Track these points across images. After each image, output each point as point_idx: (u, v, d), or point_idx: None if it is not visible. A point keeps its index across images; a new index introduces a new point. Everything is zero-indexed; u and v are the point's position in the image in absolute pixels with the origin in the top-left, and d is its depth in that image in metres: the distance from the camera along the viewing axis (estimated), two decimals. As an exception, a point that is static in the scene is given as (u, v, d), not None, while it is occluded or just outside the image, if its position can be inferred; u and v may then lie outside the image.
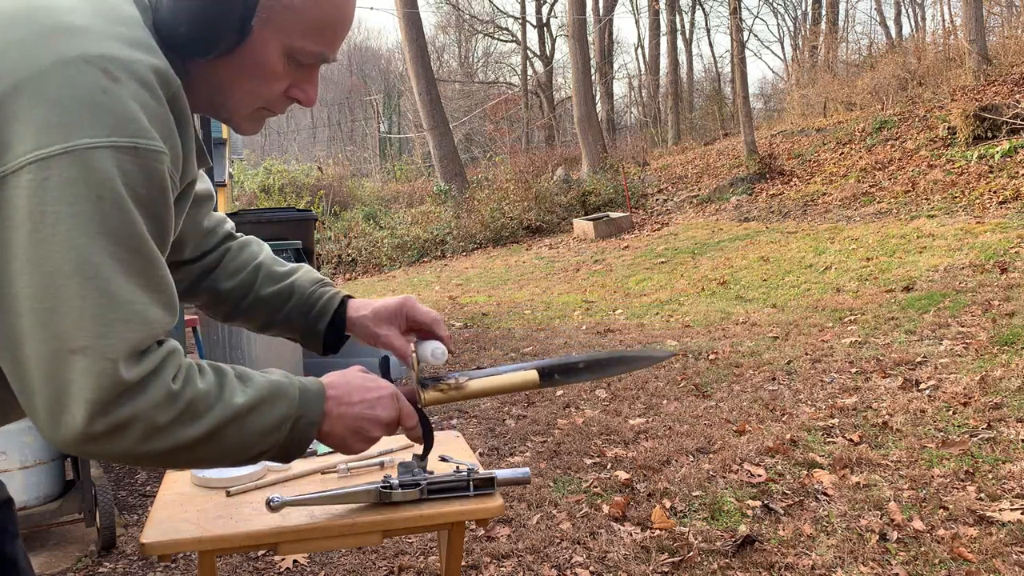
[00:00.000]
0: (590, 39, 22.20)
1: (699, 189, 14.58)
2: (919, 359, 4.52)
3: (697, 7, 30.45)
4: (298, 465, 1.73)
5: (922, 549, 2.45)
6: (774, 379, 4.56)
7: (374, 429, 1.03)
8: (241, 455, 0.90)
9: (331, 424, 0.99)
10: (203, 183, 1.17)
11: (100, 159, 0.76)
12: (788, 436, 3.51)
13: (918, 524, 2.61)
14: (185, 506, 1.45)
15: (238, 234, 1.29)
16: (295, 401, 0.94)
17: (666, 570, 2.45)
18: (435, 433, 2.03)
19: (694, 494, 2.99)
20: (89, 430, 0.77)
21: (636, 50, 33.75)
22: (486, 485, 1.46)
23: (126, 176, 0.77)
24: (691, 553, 2.52)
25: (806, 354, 5.00)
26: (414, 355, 1.16)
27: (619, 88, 34.22)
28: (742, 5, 17.12)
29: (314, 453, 1.72)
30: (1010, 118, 10.71)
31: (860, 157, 12.70)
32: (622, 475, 3.21)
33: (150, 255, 0.81)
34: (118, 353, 0.77)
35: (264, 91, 0.95)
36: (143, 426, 0.80)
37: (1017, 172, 9.43)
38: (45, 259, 0.75)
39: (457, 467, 1.56)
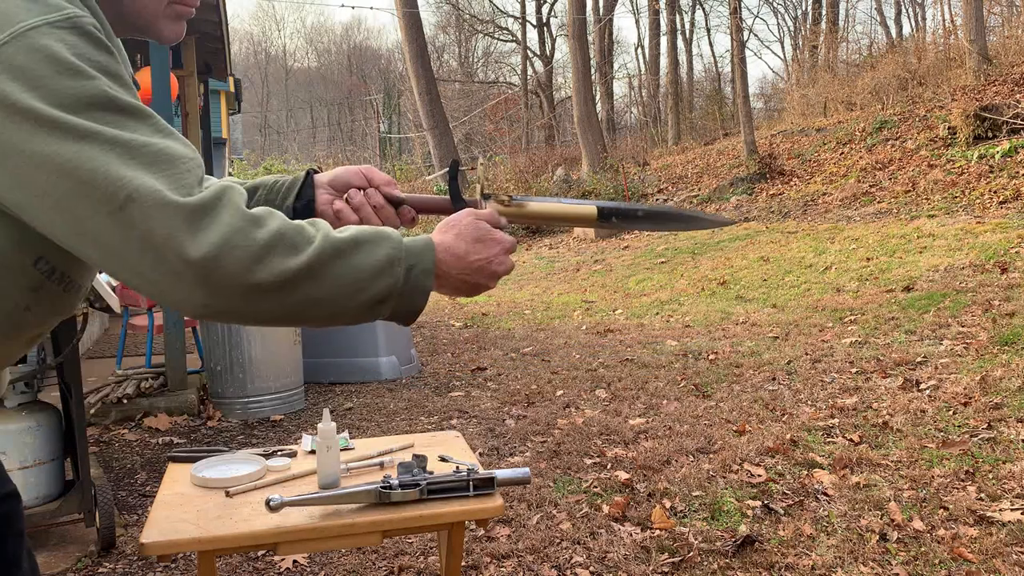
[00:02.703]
0: (590, 39, 22.18)
1: (699, 189, 14.57)
2: (919, 359, 4.52)
3: (697, 7, 30.47)
4: (298, 465, 1.73)
5: (922, 549, 2.45)
6: (774, 379, 4.56)
7: (490, 282, 1.01)
8: (358, 298, 0.87)
9: (444, 278, 0.97)
10: None
11: (43, 36, 0.78)
12: (788, 436, 3.51)
13: (918, 524, 2.61)
14: (185, 506, 1.45)
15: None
16: (400, 243, 0.91)
17: (666, 570, 2.45)
18: (435, 434, 2.03)
19: (694, 494, 2.99)
20: (195, 258, 0.77)
21: (636, 50, 33.81)
22: (486, 485, 1.46)
23: (71, 47, 0.79)
24: (691, 553, 2.52)
25: (806, 354, 5.00)
26: (482, 165, 1.15)
27: (619, 88, 34.22)
28: (742, 5, 17.13)
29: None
30: (1010, 118, 10.70)
31: (860, 157, 12.69)
32: (622, 475, 3.21)
33: (134, 107, 0.82)
34: (165, 186, 0.78)
35: None
36: (240, 243, 0.80)
37: (1017, 172, 9.42)
38: (43, 148, 0.76)
39: (457, 467, 1.56)
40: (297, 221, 0.87)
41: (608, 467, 3.34)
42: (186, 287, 0.79)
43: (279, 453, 1.83)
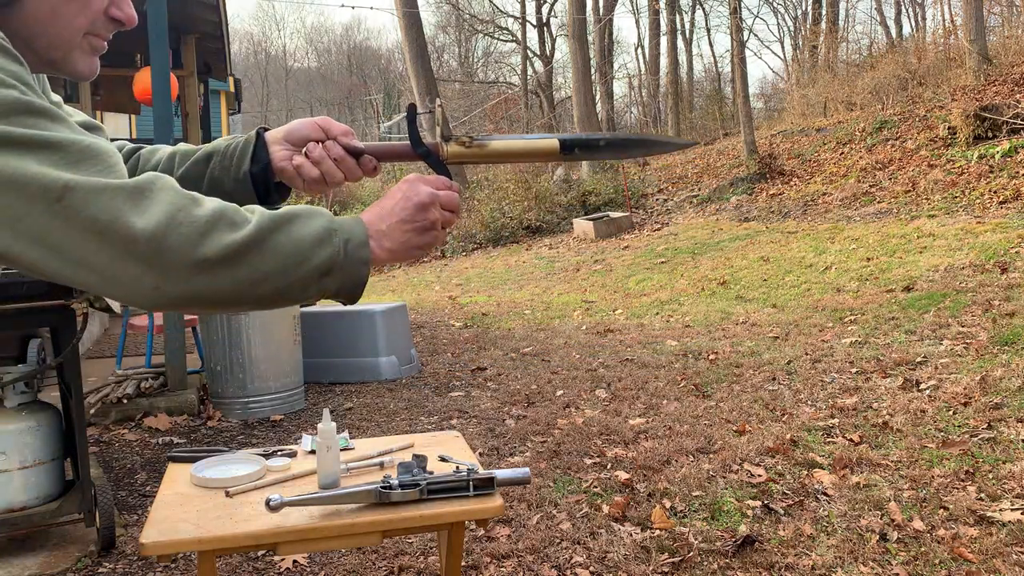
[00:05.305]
0: (590, 39, 22.18)
1: (699, 189, 14.58)
2: (919, 359, 4.52)
3: (697, 7, 30.44)
4: (298, 465, 1.73)
5: (922, 549, 2.45)
6: (774, 379, 4.56)
7: (423, 242, 0.99)
8: (304, 268, 0.87)
9: (379, 242, 0.96)
10: (81, 117, 1.14)
11: None
12: (788, 436, 3.51)
13: (918, 524, 2.61)
14: (185, 506, 1.45)
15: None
16: (331, 216, 0.92)
17: (666, 570, 2.45)
18: (435, 434, 2.03)
19: (694, 494, 2.99)
20: (142, 238, 0.77)
21: (636, 50, 33.78)
22: (486, 485, 1.47)
23: None
24: (691, 553, 2.52)
25: (806, 354, 5.00)
26: (440, 108, 1.13)
27: (619, 88, 34.18)
28: (742, 5, 17.13)
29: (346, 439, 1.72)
30: (1010, 118, 10.70)
31: (860, 157, 12.69)
32: (622, 475, 3.21)
33: (52, 111, 0.81)
34: (99, 175, 0.78)
35: (88, 12, 0.91)
36: (184, 220, 0.80)
37: (1017, 172, 9.42)
38: None
39: (457, 467, 1.56)
40: (232, 204, 0.88)
41: (608, 467, 3.34)
42: (135, 270, 0.79)
43: (279, 453, 1.83)
